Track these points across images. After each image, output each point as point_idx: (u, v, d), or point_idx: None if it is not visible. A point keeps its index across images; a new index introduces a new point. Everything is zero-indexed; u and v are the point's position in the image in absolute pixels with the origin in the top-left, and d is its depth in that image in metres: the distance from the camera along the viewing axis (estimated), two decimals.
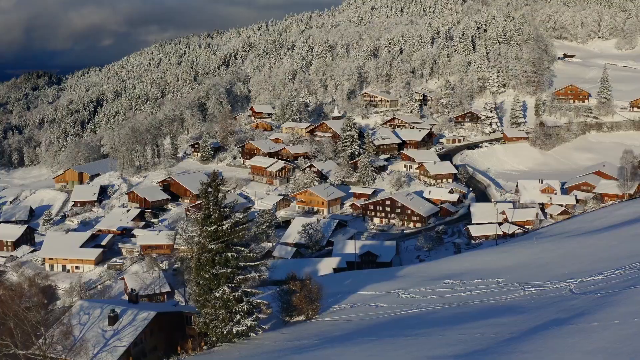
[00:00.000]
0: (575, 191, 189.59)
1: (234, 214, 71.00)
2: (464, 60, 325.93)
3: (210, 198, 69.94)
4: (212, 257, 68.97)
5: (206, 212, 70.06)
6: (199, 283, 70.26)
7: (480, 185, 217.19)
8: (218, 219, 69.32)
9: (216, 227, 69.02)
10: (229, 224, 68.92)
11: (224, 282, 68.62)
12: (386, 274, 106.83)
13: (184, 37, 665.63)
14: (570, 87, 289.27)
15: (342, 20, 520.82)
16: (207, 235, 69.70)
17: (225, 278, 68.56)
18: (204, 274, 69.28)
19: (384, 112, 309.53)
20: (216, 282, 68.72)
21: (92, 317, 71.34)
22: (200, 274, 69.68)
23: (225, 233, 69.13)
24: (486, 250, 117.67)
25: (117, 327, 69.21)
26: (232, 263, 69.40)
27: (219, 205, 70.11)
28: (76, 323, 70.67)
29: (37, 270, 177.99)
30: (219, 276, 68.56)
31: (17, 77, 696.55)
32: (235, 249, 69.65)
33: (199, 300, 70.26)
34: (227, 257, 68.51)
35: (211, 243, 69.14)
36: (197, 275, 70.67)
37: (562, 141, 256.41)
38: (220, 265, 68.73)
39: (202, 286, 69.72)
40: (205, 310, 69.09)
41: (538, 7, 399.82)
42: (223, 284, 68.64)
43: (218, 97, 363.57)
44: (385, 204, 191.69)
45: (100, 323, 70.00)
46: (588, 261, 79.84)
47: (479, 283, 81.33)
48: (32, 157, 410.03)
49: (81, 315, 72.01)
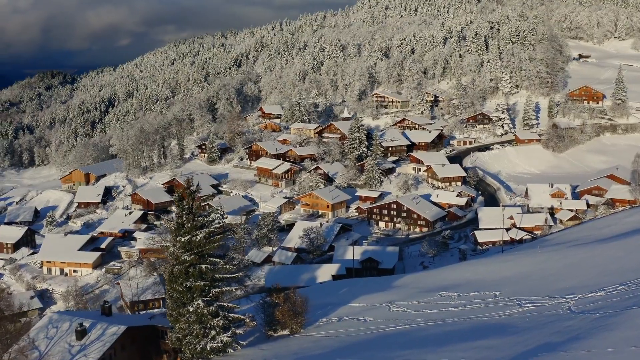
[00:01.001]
0: (586, 195, 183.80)
1: (209, 223, 67.09)
2: (477, 60, 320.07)
3: (184, 206, 65.98)
4: (185, 269, 65.12)
5: (179, 222, 66.13)
6: (172, 296, 66.42)
7: (490, 189, 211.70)
8: (192, 228, 65.40)
9: (190, 238, 65.12)
10: (203, 234, 65.01)
11: (198, 295, 64.79)
12: (383, 284, 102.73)
13: (198, 37, 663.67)
14: (584, 88, 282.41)
15: (356, 20, 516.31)
16: (181, 245, 65.81)
17: (199, 291, 64.74)
18: (177, 286, 65.49)
19: (394, 113, 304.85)
20: (190, 295, 64.95)
21: (60, 331, 67.85)
22: (174, 287, 65.85)
23: (200, 244, 65.29)
24: (489, 259, 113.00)
25: (85, 342, 65.65)
26: (207, 275, 65.52)
27: (193, 215, 66.14)
28: (43, 337, 67.40)
29: (34, 273, 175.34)
30: (193, 289, 64.75)
31: (31, 77, 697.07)
32: (210, 260, 65.73)
33: (172, 314, 66.34)
34: (201, 269, 64.63)
35: (184, 254, 65.24)
36: (170, 287, 66.85)
37: (575, 143, 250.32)
38: (194, 277, 64.90)
39: (176, 299, 65.90)
40: (178, 325, 65.34)
41: (554, 7, 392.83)
42: (197, 297, 64.83)
43: (228, 97, 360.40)
44: (391, 208, 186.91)
45: (68, 337, 66.53)
46: (591, 274, 75.33)
47: (475, 296, 77.01)
48: (42, 157, 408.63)
49: (49, 329, 68.51)
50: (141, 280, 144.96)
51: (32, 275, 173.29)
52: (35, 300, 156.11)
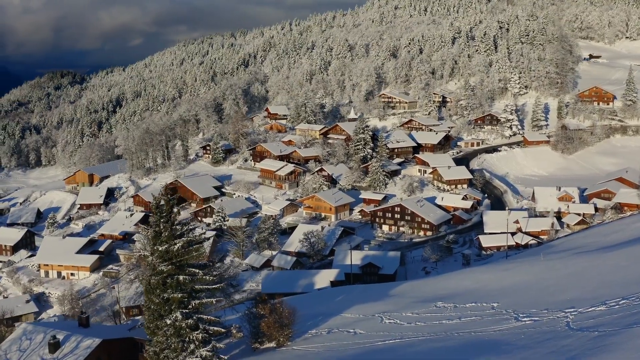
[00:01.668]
0: (595, 199, 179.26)
1: (188, 232, 63.90)
2: (485, 60, 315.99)
3: (162, 214, 62.73)
4: (162, 280, 61.82)
5: (156, 230, 62.90)
6: (149, 308, 63.12)
7: (497, 191, 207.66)
8: (169, 237, 62.08)
9: (167, 247, 61.85)
10: (181, 244, 61.70)
11: (177, 307, 61.42)
12: (380, 291, 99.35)
13: (207, 37, 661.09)
14: (594, 88, 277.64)
15: (365, 20, 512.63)
16: (158, 255, 62.57)
17: (177, 303, 61.34)
18: (154, 298, 62.12)
19: (401, 114, 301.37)
20: (167, 307, 61.55)
21: (34, 343, 64.88)
22: (151, 298, 62.59)
23: (178, 253, 61.96)
24: (490, 266, 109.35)
25: (58, 355, 62.66)
26: (187, 287, 62.26)
27: (171, 223, 62.89)
28: (16, 349, 64.56)
29: (31, 276, 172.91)
30: (171, 301, 61.37)
31: (41, 77, 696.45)
32: (189, 270, 62.41)
33: (149, 327, 63.08)
34: (179, 280, 61.35)
35: (162, 264, 62.00)
36: (147, 299, 63.60)
37: (584, 145, 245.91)
38: (172, 289, 61.56)
39: (153, 311, 62.59)
40: (156, 339, 61.91)
41: (564, 7, 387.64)
42: (175, 309, 61.45)
43: (234, 97, 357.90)
44: (394, 211, 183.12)
45: (41, 350, 63.57)
46: (593, 285, 71.75)
47: (472, 308, 73.60)
48: (49, 157, 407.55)
49: (22, 341, 65.60)
50: (138, 285, 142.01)
51: (29, 279, 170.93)
52: (31, 304, 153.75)
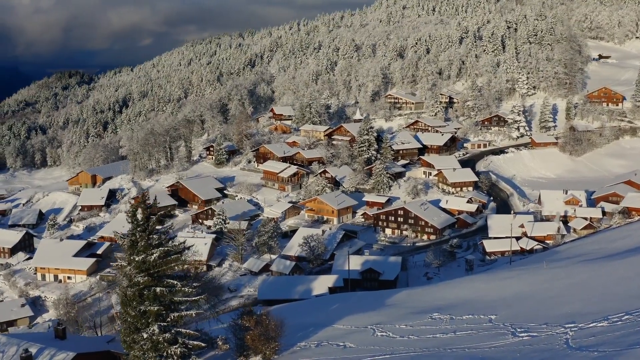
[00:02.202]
0: (602, 202, 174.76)
1: (167, 241, 60.82)
2: (493, 61, 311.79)
3: (139, 222, 59.66)
4: (139, 292, 58.75)
5: (132, 239, 59.82)
6: (126, 320, 60.08)
7: (503, 194, 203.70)
8: (146, 247, 59.00)
9: (144, 257, 58.76)
10: (157, 254, 58.59)
11: (154, 320, 58.33)
12: (376, 300, 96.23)
13: (215, 37, 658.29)
14: (603, 89, 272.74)
15: (372, 19, 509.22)
16: (135, 266, 59.50)
17: (154, 316, 58.28)
18: (131, 310, 59.08)
19: (408, 115, 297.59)
20: (144, 320, 58.46)
21: (7, 357, 62.06)
22: (127, 311, 59.54)
23: (156, 264, 58.90)
24: (492, 274, 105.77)
25: None
26: (165, 299, 59.20)
27: (149, 232, 59.79)
28: None
29: (28, 279, 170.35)
30: (148, 314, 58.29)
31: (49, 77, 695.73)
32: (167, 282, 59.33)
33: (126, 340, 60.02)
34: (157, 292, 58.27)
35: (138, 275, 58.93)
36: (124, 311, 60.59)
37: (593, 147, 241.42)
38: (150, 301, 58.48)
39: (129, 324, 59.53)
40: (133, 353, 58.90)
41: (574, 7, 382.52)
42: (153, 322, 58.36)
43: (240, 98, 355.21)
44: (397, 214, 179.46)
45: None
46: (596, 297, 68.14)
47: (468, 320, 70.11)
48: (54, 158, 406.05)
49: None
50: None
51: (26, 282, 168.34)
52: (26, 308, 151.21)
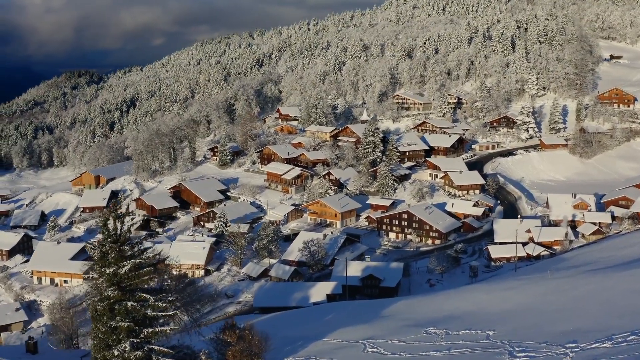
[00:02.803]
0: (612, 207, 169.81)
1: (141, 252, 57.22)
2: (502, 61, 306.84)
3: (110, 232, 56.04)
4: (109, 306, 55.11)
5: (103, 250, 56.21)
6: (96, 336, 56.45)
7: (510, 197, 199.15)
8: (117, 259, 55.35)
9: (115, 270, 55.15)
10: (129, 266, 54.95)
11: (125, 337, 54.65)
12: (372, 310, 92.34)
13: (225, 37, 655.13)
14: (614, 90, 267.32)
15: (382, 19, 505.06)
16: (106, 279, 55.90)
17: (126, 332, 54.59)
18: (101, 326, 55.44)
19: (415, 116, 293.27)
20: (115, 337, 54.79)
21: None
22: (97, 326, 55.94)
23: (128, 277, 55.28)
24: (494, 284, 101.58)
25: None
26: (138, 314, 55.53)
27: (121, 242, 56.17)
28: None
29: (24, 283, 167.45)
30: (119, 330, 54.63)
31: (58, 76, 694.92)
32: (139, 296, 55.66)
33: (97, 357, 56.41)
34: (127, 306, 54.61)
35: (109, 289, 55.33)
36: (94, 327, 56.99)
37: (604, 149, 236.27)
38: (121, 316, 54.82)
39: (100, 341, 55.88)
40: None
41: (585, 6, 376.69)
42: (124, 339, 54.68)
43: (246, 98, 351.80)
44: (401, 218, 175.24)
45: None
46: (600, 313, 64.11)
47: (465, 336, 66.28)
48: (61, 158, 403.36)
49: None
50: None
51: (22, 285, 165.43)
52: (21, 312, 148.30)
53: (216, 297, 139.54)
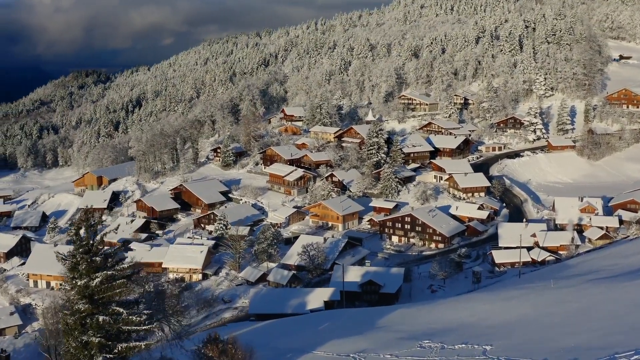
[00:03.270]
0: (620, 210, 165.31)
1: (115, 263, 54.33)
2: (510, 61, 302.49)
3: (82, 242, 53.13)
4: (81, 320, 52.14)
5: (73, 261, 53.27)
6: (68, 351, 53.51)
7: (516, 200, 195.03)
8: (88, 270, 52.41)
9: (87, 282, 52.19)
10: (100, 278, 51.97)
11: (97, 352, 51.69)
12: (368, 319, 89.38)
13: (232, 36, 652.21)
14: (623, 90, 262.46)
15: (389, 19, 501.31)
16: (77, 291, 52.97)
17: (97, 348, 51.61)
18: (72, 341, 52.51)
19: (421, 116, 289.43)
20: (87, 352, 51.80)
21: None
22: (69, 341, 52.99)
23: (100, 289, 52.33)
24: (494, 293, 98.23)
25: None
26: (112, 328, 52.56)
27: (93, 253, 53.23)
28: None
29: (20, 286, 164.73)
30: (90, 345, 51.63)
31: (65, 75, 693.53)
32: (112, 310, 52.66)
33: None
34: (99, 320, 51.61)
35: (80, 302, 52.37)
36: (66, 341, 54.07)
37: (612, 150, 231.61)
38: (93, 330, 51.83)
39: (72, 356, 52.93)
40: None
41: (595, 6, 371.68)
42: (96, 355, 51.72)
43: (251, 98, 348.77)
44: (404, 221, 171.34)
45: None
46: (605, 327, 60.82)
47: (460, 350, 63.28)
48: (65, 158, 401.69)
49: None
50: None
51: (17, 289, 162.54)
52: (16, 316, 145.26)
53: (213, 302, 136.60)
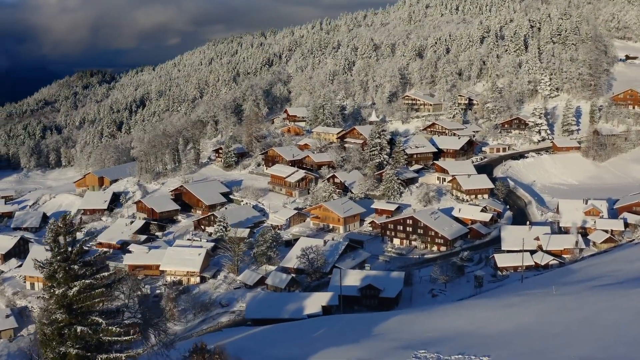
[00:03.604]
0: (625, 213, 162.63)
1: (95, 272, 52.16)
2: (515, 61, 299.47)
3: (60, 249, 50.98)
4: (58, 331, 50.03)
5: (51, 269, 51.14)
6: None
7: (520, 202, 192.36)
8: (66, 279, 50.27)
9: (65, 291, 50.07)
10: (78, 287, 49.83)
11: None
12: (364, 327, 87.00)
13: (237, 36, 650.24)
14: (629, 91, 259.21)
15: (394, 19, 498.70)
16: (55, 300, 50.84)
17: (76, 359, 49.50)
18: (50, 352, 50.42)
19: (425, 117, 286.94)
20: None
21: None
22: (46, 352, 50.92)
23: (78, 299, 50.20)
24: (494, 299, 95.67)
25: None
26: (91, 339, 50.41)
27: (71, 260, 51.07)
28: None
29: (17, 288, 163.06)
30: (68, 357, 49.54)
31: (70, 75, 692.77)
32: (90, 320, 50.54)
33: None
34: (77, 331, 49.49)
35: (57, 312, 50.26)
36: (43, 352, 51.99)
37: (618, 152, 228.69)
38: (72, 341, 49.72)
39: None
40: None
41: (601, 6, 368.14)
42: None
43: (255, 98, 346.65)
44: (406, 224, 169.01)
45: None
46: (605, 340, 58.44)
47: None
48: (69, 158, 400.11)
49: None
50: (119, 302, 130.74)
51: (14, 291, 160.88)
52: (11, 319, 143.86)
53: (210, 306, 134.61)
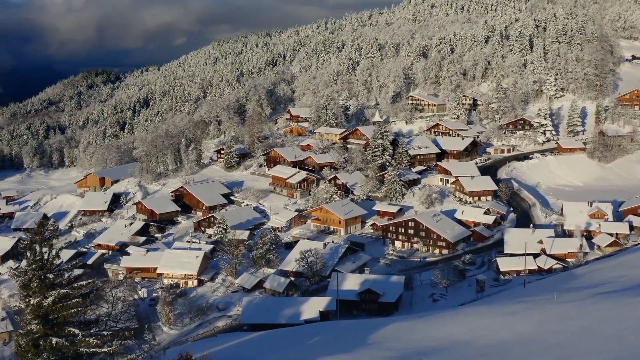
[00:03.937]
0: (631, 216, 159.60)
1: (72, 281, 50.18)
2: (520, 61, 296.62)
3: (35, 257, 48.89)
4: (33, 342, 47.92)
5: (26, 278, 49.07)
6: None
7: (524, 204, 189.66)
8: (41, 288, 48.19)
9: (40, 300, 47.99)
10: (53, 297, 47.74)
11: None
12: (360, 334, 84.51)
13: (242, 36, 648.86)
14: (636, 91, 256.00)
15: (399, 18, 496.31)
16: (31, 310, 48.74)
17: None
18: None
19: (429, 117, 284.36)
20: None
21: None
22: None
23: (55, 309, 48.11)
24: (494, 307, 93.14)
25: None
26: (68, 350, 48.32)
27: (47, 269, 49.00)
28: None
29: (13, 290, 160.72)
30: None
31: (75, 75, 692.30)
32: (67, 331, 48.44)
33: None
34: (52, 342, 47.40)
35: (33, 322, 48.16)
36: None
37: (624, 153, 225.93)
38: (47, 352, 47.62)
39: None
40: None
41: (607, 5, 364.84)
42: None
43: (258, 98, 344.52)
44: (408, 226, 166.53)
45: None
46: (610, 351, 55.64)
47: None
48: (72, 158, 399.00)
49: None
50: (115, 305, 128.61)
51: (10, 293, 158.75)
52: (6, 322, 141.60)
53: (207, 310, 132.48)
